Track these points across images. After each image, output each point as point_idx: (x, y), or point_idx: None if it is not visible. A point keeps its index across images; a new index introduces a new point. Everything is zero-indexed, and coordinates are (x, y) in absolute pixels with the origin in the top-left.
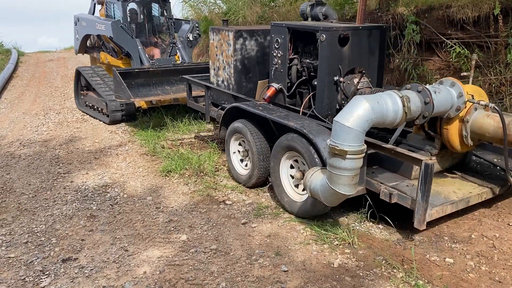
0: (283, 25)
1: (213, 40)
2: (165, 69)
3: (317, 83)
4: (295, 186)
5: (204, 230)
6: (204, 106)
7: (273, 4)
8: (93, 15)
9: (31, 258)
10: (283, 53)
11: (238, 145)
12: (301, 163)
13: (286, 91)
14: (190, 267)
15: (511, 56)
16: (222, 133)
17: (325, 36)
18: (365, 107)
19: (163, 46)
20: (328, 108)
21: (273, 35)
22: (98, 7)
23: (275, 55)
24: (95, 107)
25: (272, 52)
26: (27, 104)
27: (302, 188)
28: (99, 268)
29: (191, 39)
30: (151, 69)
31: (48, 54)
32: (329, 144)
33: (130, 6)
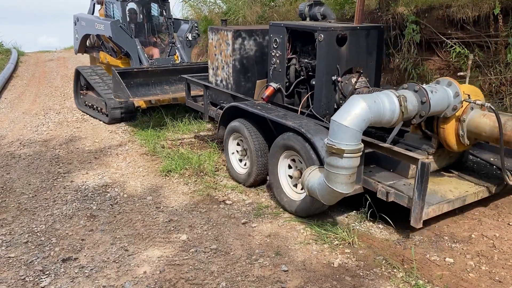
0: (282, 25)
1: (212, 39)
2: (164, 68)
3: (315, 82)
4: (294, 185)
5: (204, 230)
6: (203, 105)
7: (273, 4)
8: (92, 15)
9: (31, 258)
10: (281, 53)
11: (236, 145)
12: (298, 162)
13: (284, 91)
14: (190, 267)
15: (511, 55)
16: (220, 133)
17: (323, 36)
18: (362, 107)
19: (162, 46)
20: (326, 107)
21: (271, 35)
22: (97, 7)
23: (273, 54)
24: (94, 106)
25: (270, 51)
26: (27, 104)
27: (300, 187)
28: (99, 268)
29: (190, 39)
30: (150, 68)
31: (48, 54)
32: (327, 143)
33: (129, 6)
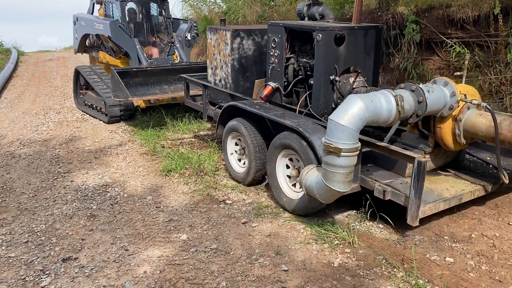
0: (280, 24)
1: (211, 39)
2: (163, 68)
3: (313, 82)
4: (293, 185)
5: (204, 229)
6: (201, 105)
7: (273, 3)
8: (92, 14)
9: (31, 257)
10: (280, 53)
11: (235, 145)
12: (296, 161)
13: (282, 90)
14: (190, 267)
15: (511, 55)
16: (219, 132)
17: (321, 35)
18: (360, 106)
19: (161, 45)
20: (324, 107)
21: (270, 35)
22: (97, 7)
23: (272, 54)
24: (94, 106)
25: (269, 51)
26: (27, 103)
27: (299, 186)
28: (99, 267)
29: (189, 38)
30: (149, 68)
31: (48, 53)
32: (324, 142)
33: (128, 5)
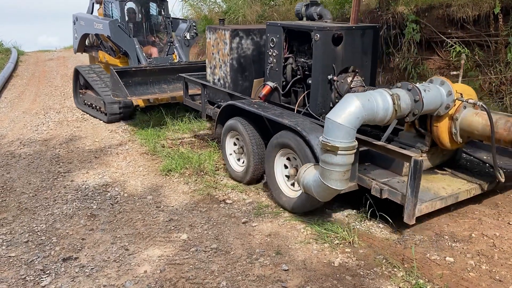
0: (278, 24)
1: (210, 39)
2: (162, 67)
3: (311, 81)
4: (291, 184)
5: (204, 229)
6: (200, 104)
7: (273, 3)
8: (91, 14)
9: (32, 257)
10: (278, 52)
11: (233, 144)
12: (293, 159)
13: (281, 90)
14: (190, 266)
15: (511, 55)
16: (218, 131)
17: (319, 35)
18: (356, 105)
19: (160, 45)
20: (322, 106)
21: (268, 35)
22: (96, 6)
23: (270, 54)
24: (93, 105)
25: (267, 51)
26: (27, 103)
27: (297, 185)
28: (99, 267)
29: (188, 38)
30: (148, 67)
31: (48, 53)
32: (321, 140)
33: (128, 5)
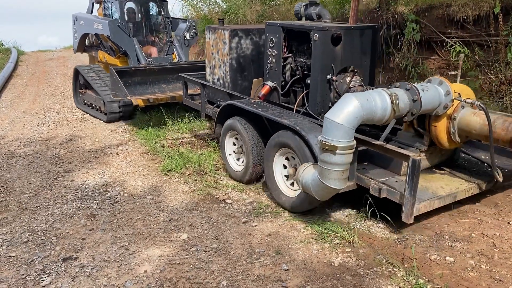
0: (278, 24)
1: (209, 38)
2: (162, 67)
3: (310, 81)
4: (291, 184)
5: (204, 229)
6: (200, 103)
7: (273, 2)
8: (91, 14)
9: (32, 257)
10: (277, 52)
11: (232, 144)
12: (292, 159)
13: (280, 89)
14: (190, 266)
15: (511, 54)
16: (217, 130)
17: (318, 35)
18: (355, 104)
19: (160, 45)
20: (321, 106)
21: (267, 34)
22: (96, 6)
23: (269, 54)
24: (93, 105)
25: (266, 51)
26: (27, 103)
27: (296, 184)
28: (99, 267)
29: (188, 38)
30: (148, 67)
31: (48, 53)
32: (320, 140)
33: (127, 5)
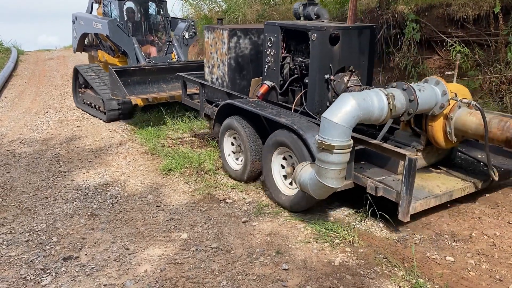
0: (276, 24)
1: (208, 38)
2: (161, 67)
3: (308, 81)
4: (289, 184)
5: (204, 228)
6: (199, 103)
7: (273, 2)
8: (91, 13)
9: (32, 256)
10: (276, 52)
11: (231, 144)
12: (290, 158)
13: (278, 89)
14: (191, 266)
15: (511, 54)
16: (216, 129)
17: (316, 35)
18: (352, 104)
19: (159, 44)
20: (319, 105)
21: (266, 34)
22: (95, 6)
23: (268, 53)
24: (92, 104)
25: (265, 50)
26: (27, 102)
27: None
28: (100, 266)
29: (187, 37)
30: (147, 67)
31: (48, 52)
32: (317, 139)
33: (127, 4)
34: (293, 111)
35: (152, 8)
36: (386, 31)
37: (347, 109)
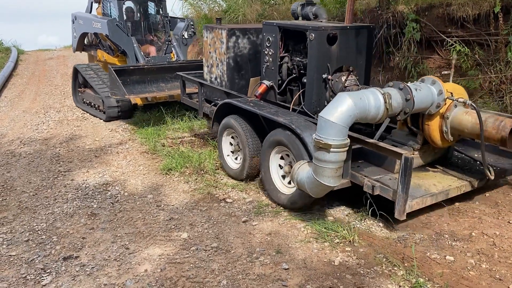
0: (274, 24)
1: (207, 38)
2: (160, 66)
3: (306, 80)
4: (288, 183)
5: (204, 228)
6: (197, 102)
7: (273, 2)
8: (90, 13)
9: (32, 256)
10: (274, 51)
11: (229, 144)
12: (287, 156)
13: (277, 88)
14: (191, 265)
15: (511, 54)
16: (214, 129)
17: (314, 35)
18: (349, 103)
19: (158, 44)
20: (316, 104)
21: (264, 34)
22: (95, 6)
23: (266, 53)
24: (92, 104)
25: (263, 50)
26: (27, 102)
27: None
28: (100, 266)
29: (186, 37)
30: (146, 66)
31: (47, 52)
32: (314, 138)
33: (126, 4)
34: (291, 110)
35: (151, 7)
36: (386, 30)
37: (343, 108)
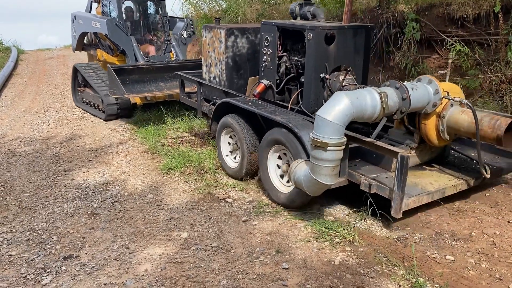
0: (273, 23)
1: (206, 37)
2: (159, 65)
3: (304, 80)
4: (286, 182)
5: (205, 227)
6: (196, 101)
7: (273, 1)
8: (90, 13)
9: (32, 255)
10: (272, 51)
11: (228, 144)
12: (284, 155)
13: (275, 88)
14: (191, 265)
15: (511, 53)
16: (213, 128)
17: (312, 35)
18: (345, 102)
19: (158, 43)
20: (314, 104)
21: (263, 33)
22: (94, 5)
23: (265, 52)
24: (91, 103)
25: (262, 49)
26: (27, 102)
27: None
28: (100, 265)
29: (185, 36)
30: (145, 65)
31: (47, 52)
32: (312, 136)
33: (125, 4)
34: (289, 109)
35: (150, 7)
36: (386, 30)
37: (340, 107)
